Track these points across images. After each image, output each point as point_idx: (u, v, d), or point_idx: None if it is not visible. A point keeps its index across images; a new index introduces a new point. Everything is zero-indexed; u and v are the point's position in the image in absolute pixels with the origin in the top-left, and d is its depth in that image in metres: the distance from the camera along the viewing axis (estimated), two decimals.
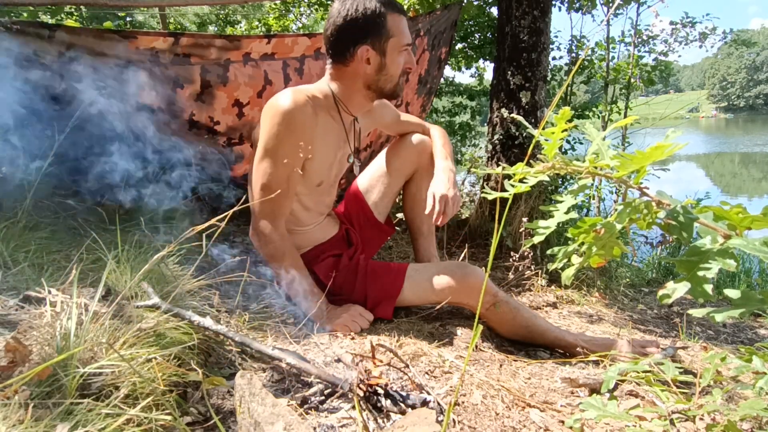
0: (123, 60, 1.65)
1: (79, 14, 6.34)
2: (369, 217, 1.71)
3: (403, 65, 1.41)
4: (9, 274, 1.06)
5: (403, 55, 1.40)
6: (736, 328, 2.00)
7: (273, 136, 1.30)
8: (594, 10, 4.73)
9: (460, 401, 0.97)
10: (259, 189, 1.33)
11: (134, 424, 0.71)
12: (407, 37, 1.38)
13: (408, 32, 1.39)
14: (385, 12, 1.33)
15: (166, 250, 1.00)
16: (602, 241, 0.63)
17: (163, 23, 4.44)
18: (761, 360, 0.87)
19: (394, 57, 1.38)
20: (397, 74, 1.41)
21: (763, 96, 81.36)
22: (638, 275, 2.78)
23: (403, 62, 1.41)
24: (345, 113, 1.45)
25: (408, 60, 1.41)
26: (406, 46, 1.39)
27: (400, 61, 1.40)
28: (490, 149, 2.82)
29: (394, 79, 1.41)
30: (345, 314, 1.36)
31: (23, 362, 0.74)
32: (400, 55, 1.39)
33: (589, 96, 8.38)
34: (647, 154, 0.56)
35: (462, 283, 1.39)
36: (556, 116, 0.65)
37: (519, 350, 1.45)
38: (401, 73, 1.42)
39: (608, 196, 4.16)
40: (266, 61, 2.03)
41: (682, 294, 0.56)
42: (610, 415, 0.83)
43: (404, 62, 1.41)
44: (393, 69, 1.40)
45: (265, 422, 0.73)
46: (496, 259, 2.34)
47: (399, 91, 1.45)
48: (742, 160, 18.87)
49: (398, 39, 1.36)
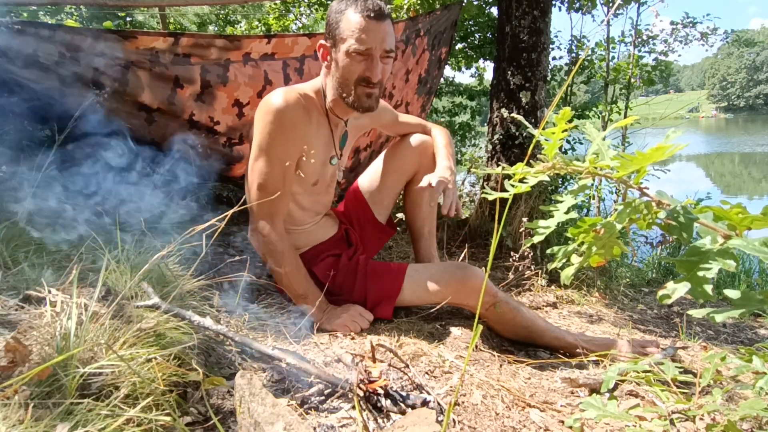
0: (123, 60, 1.65)
1: (79, 14, 6.35)
2: (369, 218, 1.71)
3: (360, 73, 1.28)
4: (9, 274, 1.06)
5: (356, 61, 1.27)
6: (736, 328, 2.00)
7: (266, 135, 1.30)
8: (594, 10, 4.73)
9: (460, 401, 0.97)
10: (255, 189, 1.33)
11: (134, 424, 0.71)
12: (365, 43, 1.24)
13: (370, 39, 1.25)
14: (344, 11, 1.26)
15: (166, 249, 1.00)
16: (602, 241, 0.63)
17: (163, 23, 4.44)
18: (761, 360, 0.87)
19: (344, 60, 1.28)
20: (349, 80, 1.29)
21: (763, 96, 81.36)
22: (638, 275, 2.78)
23: (358, 69, 1.28)
24: (333, 114, 1.43)
25: (368, 67, 1.28)
26: (358, 52, 1.25)
27: (353, 67, 1.28)
28: (490, 149, 2.82)
29: (347, 84, 1.30)
30: (345, 314, 1.36)
31: (23, 362, 0.74)
32: (351, 59, 1.27)
33: (589, 96, 8.37)
34: (647, 155, 0.56)
35: (462, 283, 1.39)
36: (556, 116, 0.65)
37: (519, 350, 1.45)
38: (357, 82, 1.29)
39: (608, 196, 4.16)
40: (266, 61, 2.03)
41: (682, 294, 0.56)
42: (610, 415, 0.83)
43: (360, 69, 1.28)
44: (344, 72, 1.29)
45: (265, 422, 0.73)
46: (496, 259, 2.34)
47: (359, 102, 1.32)
48: (742, 160, 18.88)
49: (349, 42, 1.25)
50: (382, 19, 1.26)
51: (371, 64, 1.28)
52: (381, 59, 1.29)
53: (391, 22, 1.31)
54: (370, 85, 1.30)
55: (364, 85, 1.30)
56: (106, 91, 1.61)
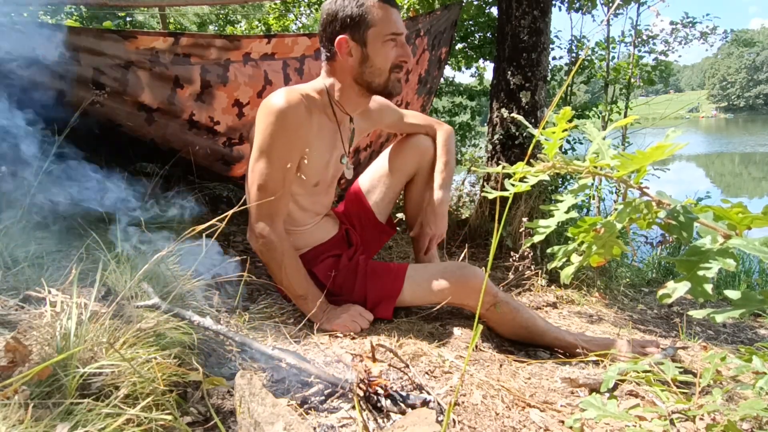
0: (123, 60, 1.65)
1: (79, 14, 6.35)
2: (370, 218, 1.70)
3: (395, 58, 1.32)
4: (9, 274, 1.06)
5: (389, 46, 1.31)
6: (736, 328, 2.00)
7: (267, 136, 1.30)
8: (594, 10, 4.74)
9: (460, 401, 0.97)
10: (255, 190, 1.33)
11: (134, 424, 0.71)
12: (394, 26, 1.29)
13: (396, 22, 1.30)
14: (364, 2, 1.28)
15: (166, 249, 1.00)
16: (602, 241, 0.63)
17: (163, 23, 4.44)
18: (761, 360, 0.87)
19: (378, 47, 1.30)
20: (385, 67, 1.32)
21: (763, 96, 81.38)
22: (638, 275, 2.78)
23: (393, 54, 1.32)
24: (340, 112, 1.43)
25: (401, 52, 1.32)
26: (392, 36, 1.30)
27: (388, 52, 1.31)
28: (490, 149, 2.82)
29: (382, 72, 1.33)
30: (345, 314, 1.36)
31: (23, 362, 0.74)
32: (385, 45, 1.30)
33: (589, 96, 8.38)
34: (647, 154, 0.56)
35: (462, 283, 1.39)
36: (556, 116, 0.65)
37: (519, 350, 1.45)
38: (392, 67, 1.33)
39: (608, 196, 4.16)
40: (266, 61, 2.03)
41: (682, 294, 0.55)
42: (610, 415, 0.83)
43: (395, 55, 1.32)
44: (378, 61, 1.32)
45: (265, 422, 0.73)
46: (496, 259, 2.34)
47: (392, 87, 1.36)
48: (742, 160, 18.88)
49: (379, 28, 1.28)
50: (396, 5, 1.32)
51: (403, 48, 1.33)
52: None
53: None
54: (401, 70, 1.36)
55: (397, 71, 1.35)
56: (106, 91, 1.62)
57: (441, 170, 1.64)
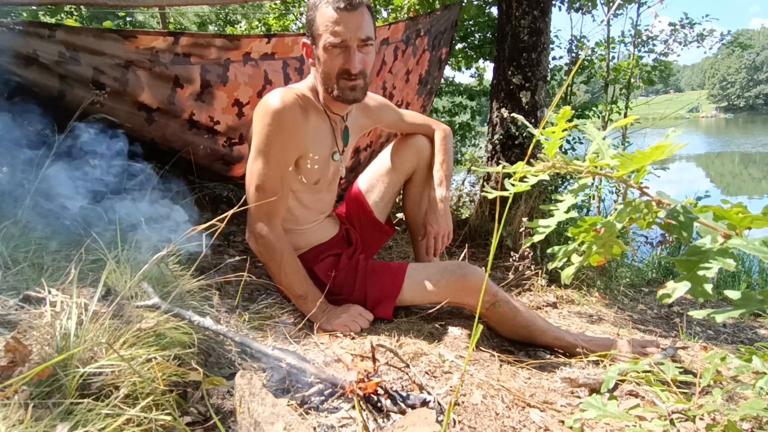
0: (123, 59, 1.65)
1: (79, 14, 6.35)
2: (369, 218, 1.71)
3: (339, 66, 1.28)
4: (9, 274, 1.06)
5: (333, 54, 1.27)
6: (736, 328, 2.00)
7: (264, 137, 1.30)
8: (594, 10, 4.74)
9: (460, 401, 0.97)
10: (254, 190, 1.33)
11: (134, 424, 0.71)
12: (338, 36, 1.25)
13: (348, 30, 1.25)
14: (317, 5, 1.26)
15: (166, 249, 1.00)
16: (602, 240, 0.63)
17: (163, 23, 4.44)
18: (761, 360, 0.87)
19: (323, 55, 1.28)
20: (330, 74, 1.30)
21: (763, 96, 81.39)
22: (638, 275, 2.78)
23: (338, 63, 1.28)
24: (329, 111, 1.43)
25: (345, 61, 1.27)
26: (334, 45, 1.26)
27: (332, 59, 1.28)
28: (490, 149, 2.82)
29: (329, 78, 1.31)
30: (345, 314, 1.36)
31: (23, 362, 0.74)
32: (329, 53, 1.27)
33: (589, 96, 8.38)
34: (647, 154, 0.56)
35: (462, 283, 1.39)
36: (556, 116, 0.65)
37: (519, 350, 1.45)
38: (339, 74, 1.29)
39: (608, 196, 4.16)
40: (266, 61, 2.03)
41: (682, 294, 0.55)
42: (610, 415, 0.83)
43: (340, 63, 1.28)
44: (325, 68, 1.30)
45: (265, 422, 0.73)
46: (496, 259, 2.34)
47: (343, 94, 1.32)
48: (742, 160, 18.88)
49: (325, 37, 1.26)
50: (354, 9, 1.25)
51: (349, 55, 1.27)
52: (359, 49, 1.28)
53: (368, 9, 1.29)
54: (351, 78, 1.30)
55: (345, 78, 1.30)
56: (106, 91, 1.61)
57: (438, 169, 1.64)
